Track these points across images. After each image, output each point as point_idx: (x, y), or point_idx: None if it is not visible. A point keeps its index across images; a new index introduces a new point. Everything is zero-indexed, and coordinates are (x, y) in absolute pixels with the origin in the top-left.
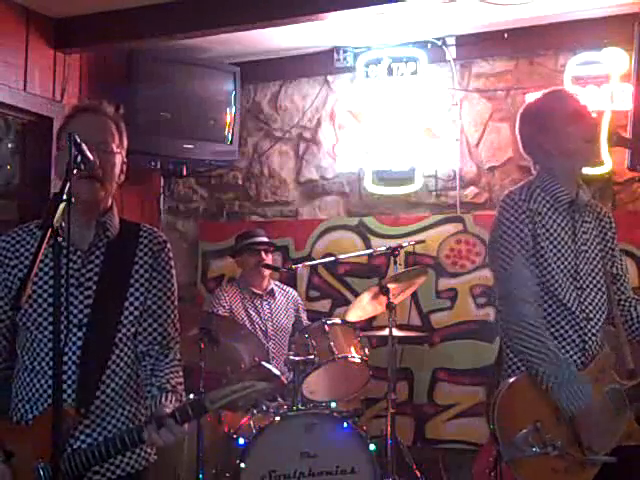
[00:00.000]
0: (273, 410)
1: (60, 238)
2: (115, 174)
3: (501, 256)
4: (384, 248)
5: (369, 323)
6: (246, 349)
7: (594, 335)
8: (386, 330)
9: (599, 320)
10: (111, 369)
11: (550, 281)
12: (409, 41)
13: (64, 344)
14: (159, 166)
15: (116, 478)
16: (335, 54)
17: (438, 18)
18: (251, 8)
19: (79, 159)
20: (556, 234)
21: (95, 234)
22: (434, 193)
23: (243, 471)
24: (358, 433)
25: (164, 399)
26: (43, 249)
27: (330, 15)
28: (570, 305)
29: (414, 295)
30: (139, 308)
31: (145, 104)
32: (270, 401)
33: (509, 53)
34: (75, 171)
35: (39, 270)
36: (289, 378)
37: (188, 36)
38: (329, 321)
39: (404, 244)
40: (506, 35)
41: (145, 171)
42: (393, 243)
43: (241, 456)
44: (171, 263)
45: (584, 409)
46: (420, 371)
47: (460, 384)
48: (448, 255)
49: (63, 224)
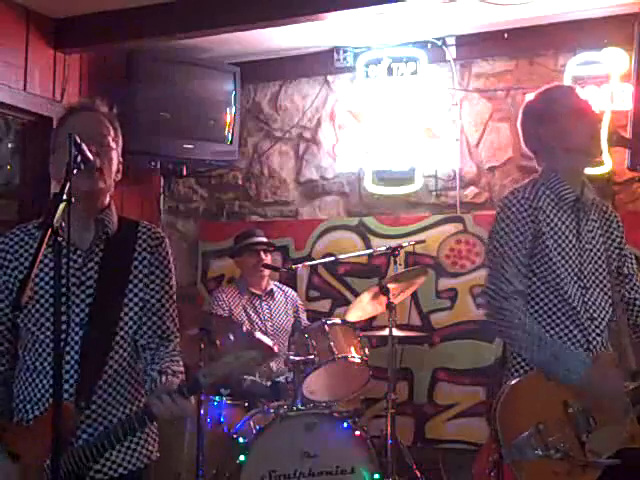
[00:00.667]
0: (273, 410)
1: (60, 238)
2: (113, 169)
3: (494, 251)
4: (384, 248)
5: (369, 323)
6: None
7: (598, 335)
8: (386, 330)
9: (603, 320)
10: (112, 367)
11: (555, 280)
12: (409, 41)
13: (65, 343)
14: (159, 166)
15: (118, 476)
16: (335, 54)
17: (438, 18)
18: (251, 8)
19: (79, 159)
20: (560, 232)
21: (95, 233)
22: (434, 193)
23: (243, 471)
24: (358, 433)
25: (165, 379)
26: (43, 249)
27: (330, 15)
28: (575, 304)
29: (414, 295)
30: (139, 304)
31: (145, 104)
32: (270, 401)
33: (509, 53)
34: (75, 171)
35: (39, 270)
36: (289, 378)
37: (188, 36)
38: (329, 321)
39: (404, 244)
40: (506, 35)
41: (145, 171)
42: (393, 243)
43: (241, 456)
44: (169, 258)
45: (589, 368)
46: (420, 371)
47: (460, 384)
48: (448, 255)
49: (63, 224)
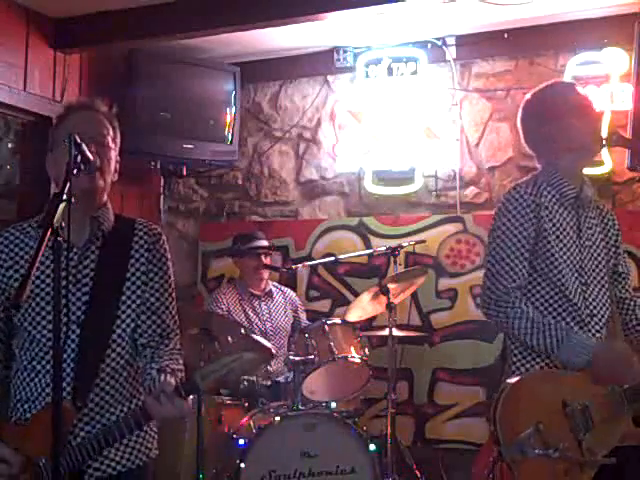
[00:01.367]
0: (273, 410)
1: (60, 238)
2: (111, 168)
3: (495, 246)
4: (384, 248)
5: (369, 323)
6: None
7: (598, 332)
8: (386, 330)
9: (603, 317)
10: (109, 365)
11: (557, 276)
12: (409, 41)
13: (64, 342)
14: (159, 166)
15: (117, 474)
16: (335, 54)
17: (438, 18)
18: (251, 8)
19: (79, 159)
20: (562, 229)
21: (90, 230)
22: (434, 193)
23: (243, 471)
24: (358, 433)
25: (164, 378)
26: (44, 249)
27: (330, 15)
28: (576, 301)
29: (414, 295)
30: (136, 301)
31: (145, 104)
32: (270, 401)
33: (509, 53)
34: (75, 171)
35: (36, 269)
36: (289, 378)
37: (188, 36)
38: (329, 321)
39: (404, 244)
40: (506, 35)
41: (145, 171)
42: (393, 243)
43: (241, 456)
44: (167, 255)
45: (592, 354)
46: (420, 371)
47: (460, 384)
48: (448, 255)
49: (63, 224)
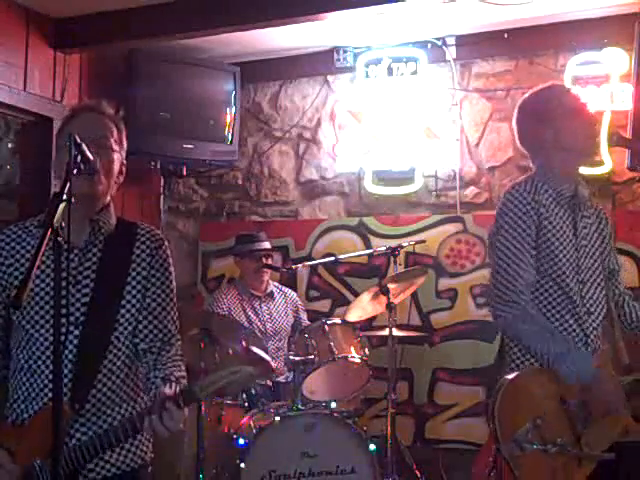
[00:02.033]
0: (273, 410)
1: (60, 238)
2: (113, 171)
3: (501, 247)
4: (384, 248)
5: (369, 323)
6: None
7: (594, 329)
8: (386, 330)
9: (599, 314)
10: (107, 367)
11: (557, 272)
12: (409, 41)
13: (64, 343)
14: (159, 166)
15: (111, 476)
16: (335, 54)
17: (438, 18)
18: (251, 8)
19: (79, 159)
20: (559, 227)
21: (90, 232)
22: (434, 193)
23: (243, 471)
24: (358, 433)
25: (168, 389)
26: (44, 249)
27: (330, 15)
28: (574, 298)
29: (414, 295)
30: (136, 305)
31: (145, 104)
32: (270, 401)
33: (509, 53)
34: (75, 171)
35: (36, 269)
36: (289, 378)
37: (188, 36)
38: (329, 321)
39: (404, 244)
40: (506, 35)
41: (145, 171)
42: (393, 243)
43: (241, 456)
44: (169, 261)
45: (590, 373)
46: (420, 371)
47: (460, 384)
48: (448, 255)
49: (63, 224)
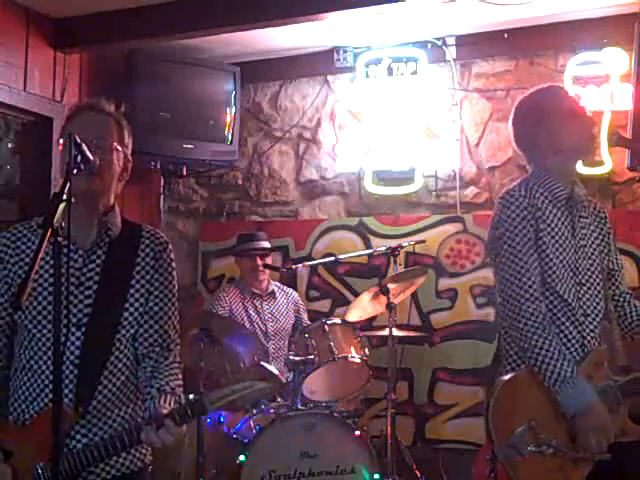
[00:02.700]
0: (273, 410)
1: (60, 238)
2: (114, 169)
3: (505, 254)
4: (384, 248)
5: (369, 323)
6: (246, 349)
7: (592, 331)
8: (386, 330)
9: (597, 316)
10: (109, 370)
11: (552, 276)
12: (409, 41)
13: (64, 343)
14: (159, 166)
15: (111, 478)
16: (335, 54)
17: (438, 18)
18: (251, 8)
19: (79, 159)
20: (557, 229)
21: (97, 233)
22: (434, 193)
23: (243, 471)
24: (358, 433)
25: (162, 401)
26: (43, 248)
27: (330, 15)
28: (570, 300)
29: (414, 295)
30: (139, 309)
31: (145, 104)
32: (270, 401)
33: (509, 53)
34: (75, 171)
35: (39, 268)
36: (289, 378)
37: (188, 36)
38: (329, 321)
39: (404, 244)
40: (506, 35)
41: (145, 171)
42: (393, 243)
43: (241, 456)
44: (172, 265)
45: (585, 408)
46: (420, 371)
47: (460, 384)
48: (448, 255)
49: (63, 224)
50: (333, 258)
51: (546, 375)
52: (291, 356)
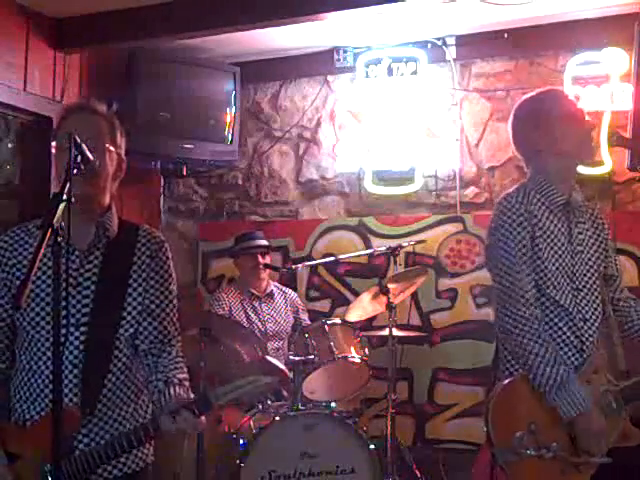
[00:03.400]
0: (273, 410)
1: (60, 238)
2: (107, 171)
3: (501, 260)
4: (384, 248)
5: (369, 323)
6: (246, 349)
7: (591, 336)
8: (386, 330)
9: (595, 321)
10: (112, 371)
11: (547, 283)
12: (409, 41)
13: (64, 344)
14: (159, 166)
15: (113, 478)
16: (335, 54)
17: (438, 18)
18: (251, 8)
19: (79, 159)
20: (553, 235)
21: (95, 234)
22: (434, 193)
23: (243, 471)
24: (358, 433)
25: (173, 391)
26: (43, 249)
27: (330, 15)
28: (567, 306)
29: (414, 295)
30: (137, 308)
31: (145, 104)
32: (277, 398)
33: (509, 53)
34: (75, 171)
35: (38, 269)
36: (289, 378)
37: (188, 36)
38: (329, 321)
39: (404, 244)
40: (506, 35)
41: (145, 171)
42: (393, 243)
43: (241, 456)
44: (169, 263)
45: (583, 413)
46: (420, 371)
47: (460, 384)
48: (448, 255)
49: (62, 224)
50: (333, 258)
51: (541, 381)
52: (291, 356)
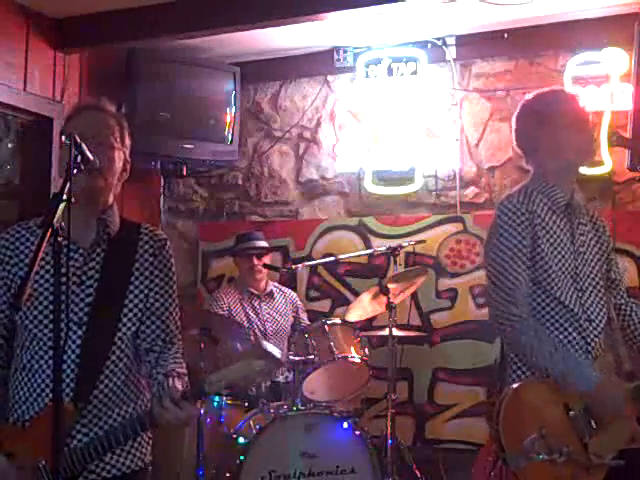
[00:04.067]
0: (273, 410)
1: (60, 237)
2: (115, 168)
3: (496, 259)
4: (384, 248)
5: (369, 323)
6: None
7: (596, 337)
8: (386, 330)
9: (600, 322)
10: (110, 368)
11: (551, 284)
12: (409, 41)
13: (64, 342)
14: (159, 166)
15: (111, 477)
16: (335, 54)
17: (438, 18)
18: (251, 8)
19: (79, 159)
20: (555, 236)
21: (97, 232)
22: (434, 193)
23: (243, 471)
24: (358, 433)
25: (172, 382)
26: (43, 248)
27: (330, 15)
28: (572, 307)
29: (414, 295)
30: (139, 306)
31: (145, 104)
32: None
33: (509, 53)
34: (75, 171)
35: (40, 268)
36: (289, 378)
37: (188, 36)
38: (329, 321)
39: (404, 244)
40: (506, 35)
41: (145, 171)
42: (393, 243)
43: (241, 456)
44: (172, 261)
45: (602, 380)
46: (420, 371)
47: (460, 384)
48: (448, 255)
49: (63, 223)
50: (333, 258)
51: (547, 371)
52: (291, 356)
